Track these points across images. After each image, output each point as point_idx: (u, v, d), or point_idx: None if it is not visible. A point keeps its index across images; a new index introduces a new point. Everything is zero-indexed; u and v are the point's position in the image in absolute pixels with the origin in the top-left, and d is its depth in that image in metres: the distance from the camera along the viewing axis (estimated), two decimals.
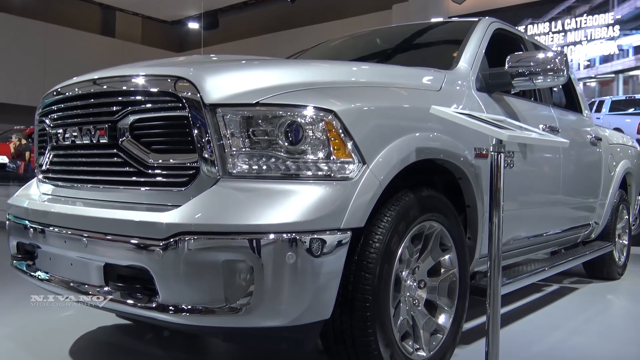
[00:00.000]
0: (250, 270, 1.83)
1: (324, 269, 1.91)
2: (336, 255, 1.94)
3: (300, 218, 1.85)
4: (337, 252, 1.95)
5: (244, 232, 1.81)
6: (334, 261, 1.94)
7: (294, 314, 1.88)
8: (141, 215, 1.94)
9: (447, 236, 2.53)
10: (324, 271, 1.91)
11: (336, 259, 1.95)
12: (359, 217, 2.00)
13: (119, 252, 1.98)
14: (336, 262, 1.95)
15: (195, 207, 1.88)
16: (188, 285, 1.84)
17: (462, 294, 2.62)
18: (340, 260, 1.96)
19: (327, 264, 1.92)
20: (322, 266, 1.90)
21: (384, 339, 2.13)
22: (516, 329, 3.41)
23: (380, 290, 2.10)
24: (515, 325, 3.49)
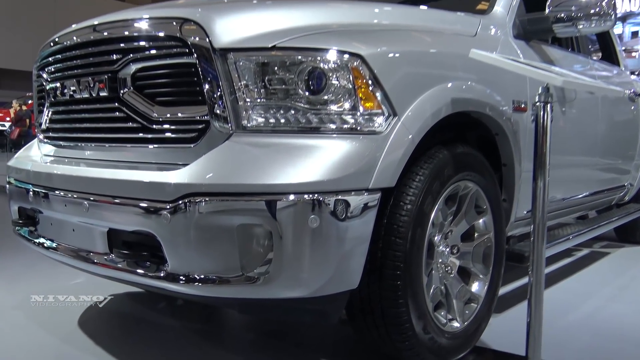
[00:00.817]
0: (268, 236, 1.63)
1: (350, 233, 1.70)
2: (364, 218, 1.73)
3: (323, 177, 1.63)
4: (365, 215, 1.73)
5: (260, 192, 1.61)
6: (361, 225, 1.73)
7: (318, 284, 1.68)
8: (146, 175, 1.74)
9: (482, 197, 2.30)
10: (350, 236, 1.70)
11: (364, 223, 1.74)
12: (389, 176, 1.78)
13: (123, 216, 1.79)
14: (364, 226, 1.74)
15: (206, 165, 1.67)
16: (199, 252, 1.65)
17: (498, 260, 2.41)
18: (368, 224, 1.75)
19: (354, 228, 1.71)
20: (348, 231, 1.69)
21: (416, 310, 1.93)
22: (550, 295, 3.20)
23: (412, 257, 1.89)
24: (548, 292, 3.27)
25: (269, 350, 2.29)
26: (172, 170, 1.70)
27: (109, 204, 1.81)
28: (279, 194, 1.60)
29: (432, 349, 2.03)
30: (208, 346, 2.33)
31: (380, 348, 2.07)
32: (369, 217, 1.75)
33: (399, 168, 1.81)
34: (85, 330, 2.08)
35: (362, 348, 2.31)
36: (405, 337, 1.94)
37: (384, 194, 1.80)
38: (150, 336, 2.15)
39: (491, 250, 2.38)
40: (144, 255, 1.77)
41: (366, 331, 2.01)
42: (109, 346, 2.08)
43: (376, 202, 1.77)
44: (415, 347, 1.97)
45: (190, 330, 2.51)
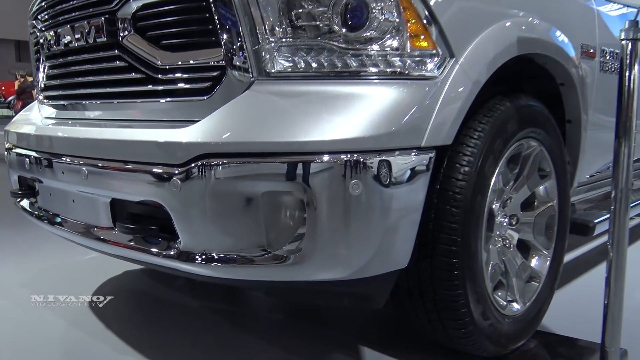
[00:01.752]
0: (300, 206, 1.33)
1: (399, 202, 1.39)
2: (415, 183, 1.42)
3: (366, 132, 1.32)
4: (417, 180, 1.42)
5: (289, 152, 1.30)
6: (412, 191, 1.42)
7: (359, 263, 1.39)
8: (150, 134, 1.45)
9: (546, 159, 1.96)
10: (399, 205, 1.40)
11: (415, 189, 1.43)
12: (445, 132, 1.46)
13: (126, 184, 1.51)
14: (415, 192, 1.43)
15: (223, 120, 1.37)
16: (216, 226, 1.36)
17: (562, 232, 2.08)
18: (420, 190, 1.44)
19: (404, 195, 1.40)
20: (396, 198, 1.39)
21: (475, 292, 1.63)
22: None
23: (471, 229, 1.58)
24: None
25: (297, 332, 2.02)
26: (182, 127, 1.40)
27: (110, 169, 1.53)
28: (313, 153, 1.29)
29: (491, 337, 1.72)
30: (229, 330, 2.06)
31: (429, 336, 1.78)
32: (421, 182, 1.44)
33: (457, 121, 1.48)
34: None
35: (402, 331, 2.03)
36: (461, 323, 1.64)
37: (437, 154, 1.48)
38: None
39: (554, 220, 2.05)
40: (152, 230, 1.49)
41: (413, 317, 1.71)
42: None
43: (429, 163, 1.45)
44: (472, 335, 1.67)
45: (208, 315, 2.25)
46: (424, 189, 1.45)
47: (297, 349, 1.89)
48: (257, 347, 1.90)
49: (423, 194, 1.45)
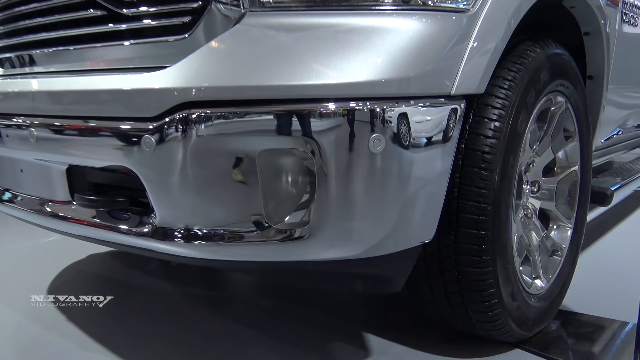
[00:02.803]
0: (307, 168, 1.06)
1: (427, 161, 1.14)
2: (444, 139, 1.17)
3: (388, 74, 1.05)
4: (446, 135, 1.17)
5: (294, 99, 1.03)
6: (441, 149, 1.17)
7: (379, 237, 1.13)
8: (114, 81, 1.15)
9: (571, 118, 1.73)
10: (427, 165, 1.15)
11: (444, 146, 1.17)
12: (479, 77, 1.21)
13: (85, 146, 1.21)
14: (444, 150, 1.18)
15: (207, 59, 1.08)
16: (202, 195, 1.08)
17: (583, 200, 1.86)
18: (450, 147, 1.19)
19: (432, 153, 1.15)
20: (424, 157, 1.13)
21: (505, 270, 1.39)
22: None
23: (502, 196, 1.33)
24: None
25: (291, 319, 1.76)
26: (154, 71, 1.11)
27: (63, 129, 1.23)
28: (323, 100, 1.02)
29: (519, 319, 1.50)
30: (218, 319, 1.79)
31: (447, 321, 1.54)
32: (451, 138, 1.18)
33: (492, 65, 1.24)
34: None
35: (408, 314, 1.79)
36: (488, 306, 1.40)
37: (467, 105, 1.23)
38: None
39: (576, 187, 1.83)
40: (119, 202, 1.20)
41: (429, 300, 1.47)
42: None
43: (460, 115, 1.20)
44: (499, 319, 1.44)
45: (197, 302, 1.97)
46: (454, 146, 1.20)
47: (293, 338, 1.64)
48: (248, 338, 1.64)
49: (452, 153, 1.21)
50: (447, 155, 1.19)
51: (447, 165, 1.20)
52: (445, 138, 1.17)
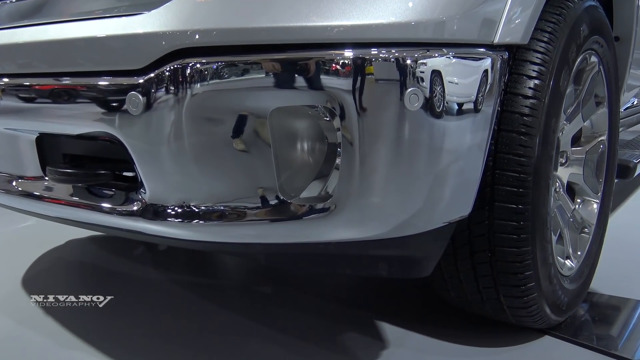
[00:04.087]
0: (330, 129, 0.87)
1: (468, 121, 0.97)
2: (486, 96, 0.99)
3: (428, 14, 0.87)
4: (488, 92, 0.99)
5: (315, 44, 0.84)
6: (483, 107, 0.99)
7: (410, 213, 0.96)
8: (91, 27, 0.95)
9: (602, 81, 1.57)
10: (468, 126, 0.97)
11: (486, 104, 1.00)
12: (524, 25, 1.03)
13: (57, 109, 1.01)
14: (486, 109, 1.00)
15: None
16: (200, 165, 0.89)
17: (610, 173, 1.71)
18: (491, 105, 1.02)
19: (474, 112, 0.97)
20: (466, 116, 0.95)
21: (543, 249, 1.23)
22: None
23: (543, 165, 1.16)
24: None
25: (293, 306, 1.59)
26: (141, 13, 0.91)
27: (29, 88, 1.03)
28: (351, 45, 0.83)
29: (553, 304, 1.35)
30: (216, 310, 1.61)
31: (473, 307, 1.38)
32: (492, 95, 1.01)
33: (538, 8, 1.06)
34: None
35: (421, 301, 1.63)
36: (524, 290, 1.24)
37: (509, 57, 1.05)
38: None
39: (604, 158, 1.68)
40: (100, 176, 1.01)
41: (455, 284, 1.31)
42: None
43: (503, 69, 1.02)
44: (535, 304, 1.28)
45: (192, 292, 1.78)
46: (494, 104, 1.03)
47: (299, 328, 1.46)
48: (249, 330, 1.46)
49: (493, 112, 1.03)
50: (488, 116, 1.02)
51: (487, 128, 1.02)
52: (485, 95, 0.99)
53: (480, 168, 1.05)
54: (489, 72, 0.99)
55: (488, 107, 1.00)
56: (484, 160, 1.05)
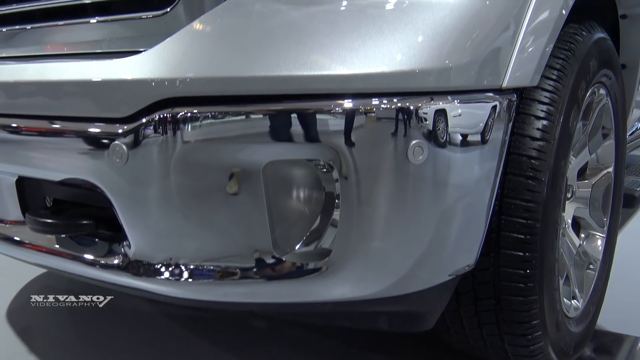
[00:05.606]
0: (329, 183, 0.81)
1: (474, 173, 0.91)
2: (493, 142, 0.93)
3: (434, 62, 0.81)
4: (495, 137, 0.93)
5: (312, 94, 0.78)
6: (489, 154, 0.94)
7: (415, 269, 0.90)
8: (74, 69, 0.89)
9: (609, 113, 1.52)
10: (474, 178, 0.91)
11: (493, 150, 0.94)
12: (534, 65, 0.97)
13: (38, 153, 0.95)
14: (492, 155, 0.95)
15: (194, 41, 0.82)
16: (189, 221, 0.83)
17: (617, 205, 1.66)
18: (498, 151, 0.96)
19: (481, 159, 0.92)
20: (472, 168, 0.89)
21: (551, 297, 1.18)
22: None
23: (550, 210, 1.10)
24: None
25: (288, 344, 1.52)
26: (126, 57, 0.85)
27: (8, 129, 0.96)
28: (350, 96, 0.78)
29: (560, 349, 1.28)
30: (206, 346, 1.54)
31: (477, 353, 1.32)
32: (499, 140, 0.95)
33: (548, 49, 1.00)
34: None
35: (419, 339, 1.56)
36: (531, 339, 1.18)
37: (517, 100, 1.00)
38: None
39: (610, 191, 1.62)
40: (83, 226, 0.94)
41: (458, 329, 1.24)
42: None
43: (510, 112, 0.96)
44: (541, 352, 1.22)
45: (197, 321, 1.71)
46: (502, 150, 0.97)
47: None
48: None
49: (500, 158, 0.97)
50: (494, 161, 0.96)
51: (494, 176, 0.96)
52: (492, 141, 0.94)
53: (486, 218, 0.99)
54: (496, 117, 0.93)
55: (495, 154, 0.94)
56: (490, 209, 0.99)
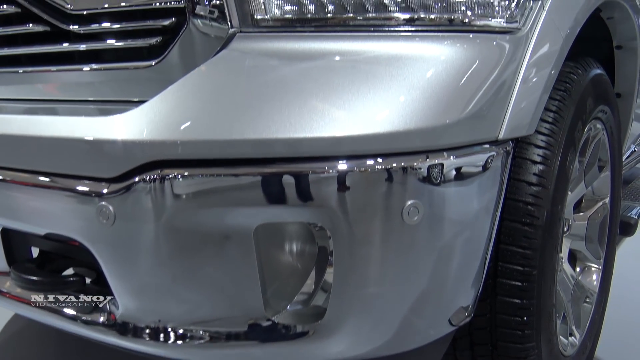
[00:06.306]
0: (320, 254, 0.79)
1: (471, 227, 0.89)
2: (489, 194, 0.92)
3: (428, 121, 0.79)
4: (491, 189, 0.92)
5: (304, 157, 0.76)
6: (485, 206, 0.92)
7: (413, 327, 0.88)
8: (60, 125, 0.86)
9: (605, 145, 1.50)
10: (470, 232, 0.89)
11: (489, 202, 0.92)
12: (530, 115, 0.96)
13: (21, 205, 0.92)
14: (488, 207, 0.93)
15: (184, 100, 0.80)
16: (178, 283, 0.80)
17: (613, 236, 1.64)
18: (494, 202, 0.94)
19: (477, 215, 0.89)
20: (468, 223, 0.88)
21: (549, 341, 1.16)
22: None
23: (547, 256, 1.09)
24: None
25: None
26: (114, 115, 0.82)
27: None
28: (344, 158, 0.75)
29: None
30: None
31: None
32: (495, 192, 0.94)
33: (545, 97, 0.99)
34: None
35: None
36: None
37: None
38: None
39: (606, 222, 1.61)
40: (69, 284, 0.92)
41: None
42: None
43: (506, 163, 0.95)
44: None
45: None
46: (499, 199, 0.95)
47: None
48: None
49: (497, 207, 0.95)
50: (489, 213, 0.94)
51: (490, 225, 0.95)
52: (487, 193, 0.92)
53: (484, 269, 0.97)
54: (493, 167, 0.91)
55: (491, 205, 0.92)
56: (487, 260, 0.97)
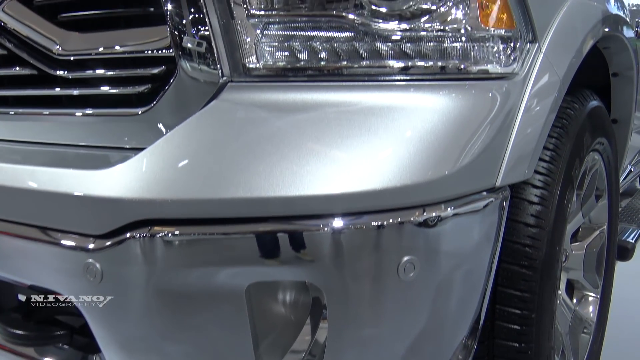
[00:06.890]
0: (314, 304, 0.77)
1: (467, 276, 0.87)
2: (485, 241, 0.90)
3: (425, 175, 0.77)
4: (487, 237, 0.90)
5: (297, 215, 0.73)
6: (481, 253, 0.90)
7: None
8: (46, 177, 0.84)
9: (602, 175, 1.49)
10: (467, 282, 0.87)
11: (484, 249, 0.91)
12: (528, 161, 0.94)
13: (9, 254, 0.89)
14: (484, 254, 0.91)
15: (174, 155, 0.78)
16: (168, 343, 0.78)
17: (610, 264, 1.63)
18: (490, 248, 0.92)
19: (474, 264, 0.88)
20: (465, 272, 0.86)
21: None
22: None
23: (546, 298, 1.07)
24: None
25: None
26: (101, 167, 0.79)
27: None
28: (338, 215, 0.73)
29: None
30: None
31: None
32: (492, 238, 0.92)
33: (542, 141, 0.97)
34: None
35: None
36: None
37: None
38: None
39: (604, 250, 1.59)
40: (57, 338, 0.89)
41: None
42: None
43: (503, 209, 0.93)
44: None
45: None
46: (496, 245, 0.93)
47: None
48: None
49: (494, 252, 0.94)
50: (485, 259, 0.92)
51: (490, 270, 0.93)
52: (484, 241, 0.90)
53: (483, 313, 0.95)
54: (490, 215, 0.89)
55: (486, 252, 0.90)
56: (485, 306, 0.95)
